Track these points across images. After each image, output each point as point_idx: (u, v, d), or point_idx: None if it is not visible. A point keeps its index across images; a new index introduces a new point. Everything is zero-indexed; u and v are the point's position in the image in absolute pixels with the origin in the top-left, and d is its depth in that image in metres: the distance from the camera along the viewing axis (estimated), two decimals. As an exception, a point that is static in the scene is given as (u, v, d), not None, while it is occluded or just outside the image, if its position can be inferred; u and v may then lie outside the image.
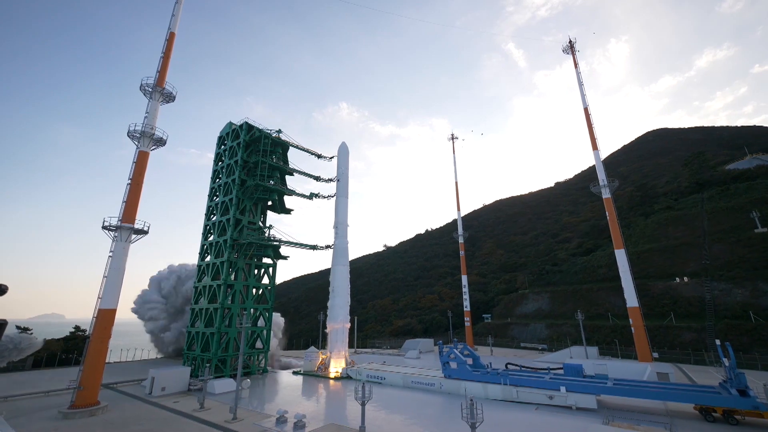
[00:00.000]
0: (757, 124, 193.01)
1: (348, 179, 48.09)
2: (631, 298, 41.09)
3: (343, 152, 49.15)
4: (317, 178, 49.60)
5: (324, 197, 49.03)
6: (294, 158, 48.82)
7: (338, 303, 42.15)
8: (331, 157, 50.57)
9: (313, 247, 45.14)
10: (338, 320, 41.78)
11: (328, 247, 45.66)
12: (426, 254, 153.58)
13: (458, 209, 72.76)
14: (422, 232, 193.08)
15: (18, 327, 46.51)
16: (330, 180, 49.41)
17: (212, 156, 49.86)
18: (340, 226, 45.28)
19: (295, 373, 42.42)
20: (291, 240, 43.83)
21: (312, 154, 49.98)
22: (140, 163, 32.67)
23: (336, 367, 40.10)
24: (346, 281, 43.72)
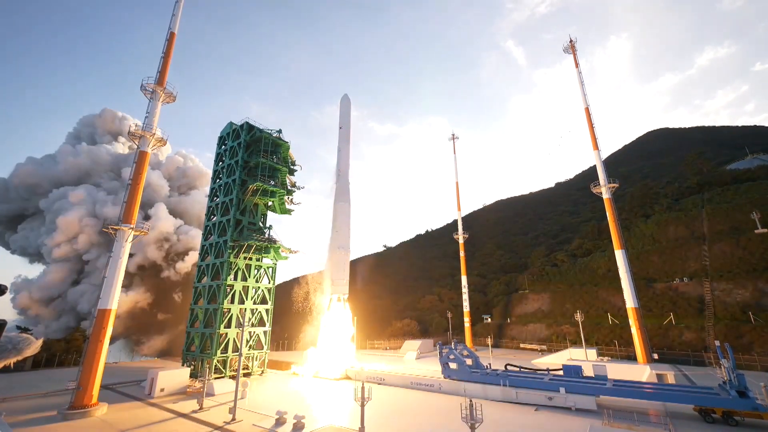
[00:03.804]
0: (758, 123, 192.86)
1: (350, 128, 49.38)
2: (631, 299, 41.03)
3: (345, 103, 50.35)
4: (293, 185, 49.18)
5: (296, 205, 48.74)
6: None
7: (340, 234, 43.54)
8: (298, 169, 49.83)
9: (290, 251, 45.08)
10: (340, 247, 42.72)
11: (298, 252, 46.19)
12: (426, 255, 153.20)
13: (458, 209, 72.73)
14: (422, 232, 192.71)
15: (18, 327, 46.57)
16: (296, 189, 48.97)
17: (209, 155, 50.19)
18: (342, 169, 46.69)
19: (294, 374, 42.40)
20: (281, 244, 44.01)
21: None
22: (140, 164, 32.73)
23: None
24: (348, 217, 44.97)
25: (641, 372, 33.35)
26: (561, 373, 29.53)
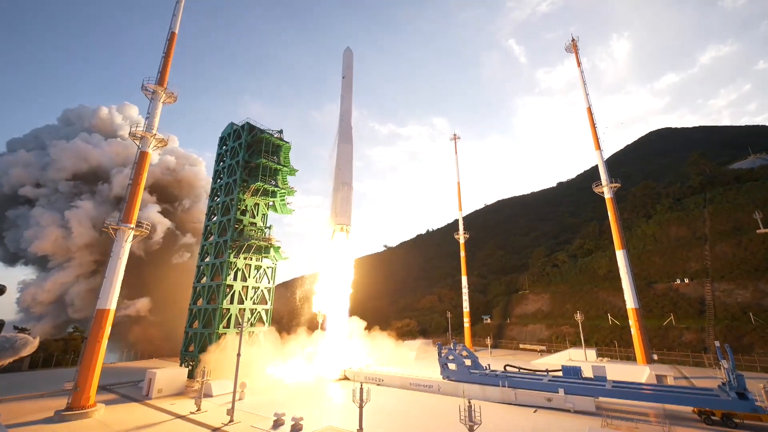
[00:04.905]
0: (760, 123, 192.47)
1: (352, 78, 52.26)
2: (631, 300, 40.87)
3: (348, 55, 53.19)
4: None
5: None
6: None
7: (343, 172, 45.78)
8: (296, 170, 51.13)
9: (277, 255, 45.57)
10: (343, 184, 44.90)
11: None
12: (426, 255, 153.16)
13: (460, 209, 72.56)
14: (423, 232, 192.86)
15: (15, 327, 46.70)
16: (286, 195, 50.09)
17: (209, 155, 50.40)
18: (345, 114, 49.27)
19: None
20: (278, 245, 44.20)
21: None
22: (141, 164, 32.70)
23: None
24: (350, 156, 47.14)
25: (641, 373, 33.20)
26: (560, 374, 29.42)
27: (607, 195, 45.20)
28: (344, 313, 43.86)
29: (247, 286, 42.90)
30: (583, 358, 40.24)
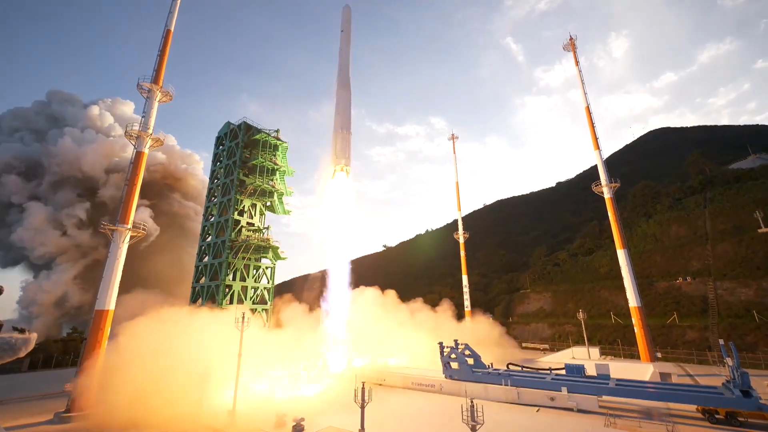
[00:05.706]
0: (759, 123, 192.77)
1: (350, 33, 53.52)
2: (633, 298, 40.70)
3: (346, 11, 54.71)
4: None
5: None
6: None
7: (342, 117, 46.45)
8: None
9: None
10: (342, 128, 45.72)
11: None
12: (426, 254, 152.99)
13: (459, 209, 72.46)
14: (422, 232, 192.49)
15: (15, 328, 46.40)
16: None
17: (205, 155, 50.37)
18: (343, 64, 50.79)
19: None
20: (276, 245, 43.90)
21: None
22: (137, 164, 32.45)
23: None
24: (348, 102, 48.14)
25: (644, 371, 33.04)
26: (563, 372, 29.22)
27: (607, 195, 45.05)
28: (346, 272, 43.44)
29: (246, 286, 42.67)
30: (586, 357, 40.08)
